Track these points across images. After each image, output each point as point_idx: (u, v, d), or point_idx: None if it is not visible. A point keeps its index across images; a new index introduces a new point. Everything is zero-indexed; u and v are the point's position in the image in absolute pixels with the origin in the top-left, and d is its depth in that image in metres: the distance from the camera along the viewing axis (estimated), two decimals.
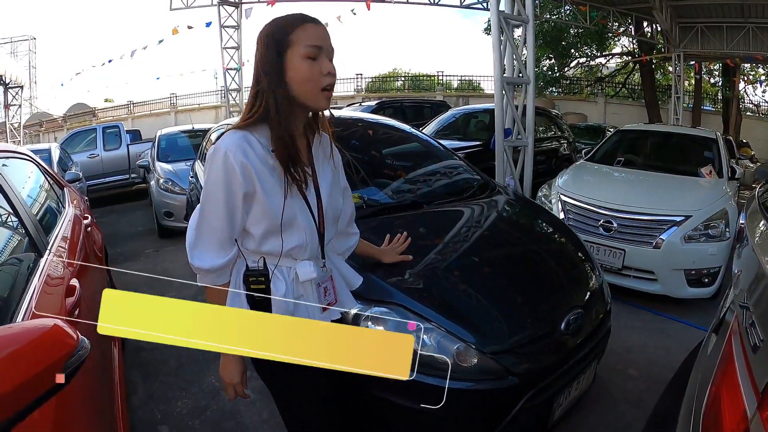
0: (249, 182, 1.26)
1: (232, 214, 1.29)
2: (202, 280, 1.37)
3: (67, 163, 8.16)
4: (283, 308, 1.33)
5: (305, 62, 1.25)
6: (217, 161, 1.25)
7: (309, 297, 1.40)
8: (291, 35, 1.25)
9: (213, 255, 1.32)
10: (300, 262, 1.37)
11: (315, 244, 1.39)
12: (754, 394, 0.99)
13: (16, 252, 1.86)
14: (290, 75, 1.26)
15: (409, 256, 1.97)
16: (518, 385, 1.84)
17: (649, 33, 17.19)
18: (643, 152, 5.79)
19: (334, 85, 1.30)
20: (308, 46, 1.24)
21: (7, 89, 17.64)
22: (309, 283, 1.39)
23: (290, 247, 1.34)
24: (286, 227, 1.31)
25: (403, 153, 3.54)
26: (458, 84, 25.77)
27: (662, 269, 3.93)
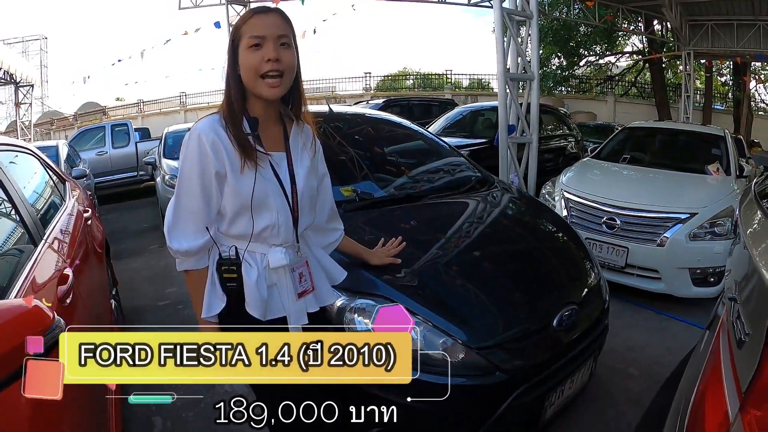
0: (220, 161, 1.31)
1: (207, 195, 1.33)
2: (181, 265, 1.41)
3: (75, 159, 8.21)
4: (257, 296, 1.36)
5: (248, 51, 1.32)
6: (191, 143, 1.32)
7: (283, 285, 1.42)
8: (241, 28, 1.34)
9: (190, 237, 1.36)
10: (272, 249, 1.40)
11: (288, 228, 1.41)
12: (737, 394, 0.94)
13: (11, 241, 1.90)
14: (240, 65, 1.34)
15: (398, 259, 1.98)
16: (506, 382, 1.82)
17: (659, 31, 17.02)
18: (649, 149, 5.71)
19: (281, 71, 1.33)
20: (251, 37, 1.32)
21: (18, 88, 17.88)
22: (282, 269, 1.41)
23: (261, 227, 1.36)
24: (257, 208, 1.34)
25: (401, 148, 3.52)
26: (468, 83, 25.70)
27: (666, 268, 3.87)
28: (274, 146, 1.42)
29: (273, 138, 1.42)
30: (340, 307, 1.89)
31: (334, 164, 2.79)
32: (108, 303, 2.99)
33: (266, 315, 1.39)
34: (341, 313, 1.87)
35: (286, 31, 1.35)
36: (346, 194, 2.57)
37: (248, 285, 1.37)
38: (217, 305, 1.39)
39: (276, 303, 1.41)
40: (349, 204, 2.49)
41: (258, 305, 1.37)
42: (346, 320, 1.87)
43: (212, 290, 1.39)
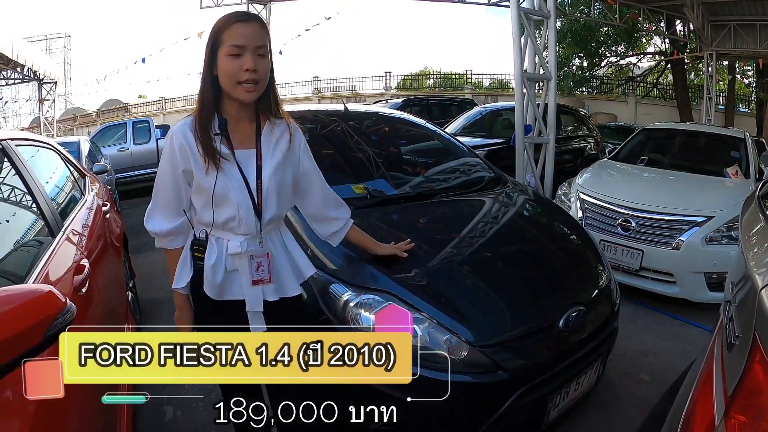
0: (186, 161, 1.47)
1: (176, 186, 1.51)
2: (158, 243, 1.60)
3: (96, 155, 8.36)
4: (210, 277, 1.51)
5: (228, 59, 1.41)
6: (167, 143, 1.50)
7: (244, 271, 1.53)
8: (221, 35, 1.42)
9: (163, 221, 1.55)
10: (235, 237, 1.52)
11: (250, 220, 1.52)
12: (723, 398, 0.93)
13: (30, 233, 1.97)
14: (218, 70, 1.44)
15: (405, 253, 2.04)
16: (508, 381, 1.82)
17: (681, 31, 16.74)
18: (667, 151, 5.63)
19: (257, 79, 1.43)
20: (231, 46, 1.40)
21: (42, 85, 18.28)
22: (241, 256, 1.52)
23: (222, 219, 1.50)
24: (218, 202, 1.48)
25: (416, 148, 3.53)
26: (488, 83, 25.55)
27: (681, 271, 3.82)
28: (244, 143, 1.53)
29: (244, 135, 1.53)
30: (346, 301, 1.92)
31: (349, 162, 2.84)
32: (124, 295, 3.06)
33: (222, 296, 1.53)
34: (346, 308, 1.90)
35: (264, 41, 1.44)
36: (358, 191, 2.59)
37: (206, 266, 1.52)
38: (185, 278, 1.56)
39: (235, 287, 1.54)
40: (360, 201, 2.51)
41: (210, 286, 1.52)
42: (352, 315, 1.89)
43: (183, 265, 1.57)
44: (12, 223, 1.91)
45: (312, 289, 2.04)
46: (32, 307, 1.07)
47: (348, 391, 1.37)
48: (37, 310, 1.08)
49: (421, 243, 2.25)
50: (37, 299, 1.09)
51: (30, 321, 1.06)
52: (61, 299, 1.12)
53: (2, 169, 1.98)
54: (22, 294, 1.09)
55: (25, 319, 1.05)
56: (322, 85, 25.06)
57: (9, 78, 19.06)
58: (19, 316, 1.04)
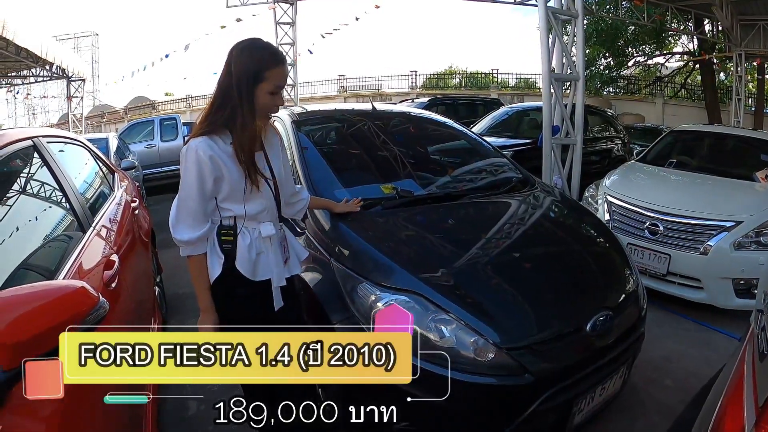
0: (217, 169, 1.62)
1: (203, 196, 1.64)
2: (183, 251, 1.70)
3: (124, 152, 8.50)
4: (246, 256, 1.69)
5: (267, 95, 1.65)
6: (190, 157, 1.61)
7: (270, 253, 1.75)
8: (266, 72, 1.62)
9: (190, 230, 1.66)
10: (263, 223, 1.74)
11: (274, 208, 1.78)
12: (754, 409, 0.91)
13: (61, 228, 2.01)
14: (256, 101, 1.64)
15: (357, 208, 2.29)
16: (534, 384, 1.81)
17: (709, 31, 16.39)
18: (696, 154, 5.51)
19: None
20: (275, 86, 1.65)
21: (70, 82, 18.69)
22: (270, 239, 1.75)
23: (255, 211, 1.71)
24: (249, 198, 1.68)
25: (443, 148, 3.53)
26: (515, 83, 25.31)
27: (709, 277, 3.74)
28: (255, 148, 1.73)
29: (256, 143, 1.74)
30: (374, 301, 1.92)
31: (376, 161, 2.86)
32: (152, 290, 3.11)
33: (256, 275, 1.71)
34: (374, 308, 1.90)
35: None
36: (386, 191, 2.60)
37: (241, 246, 1.69)
38: (217, 265, 1.69)
39: (264, 267, 1.73)
40: (389, 201, 2.52)
41: (246, 263, 1.69)
42: None
43: (212, 251, 1.70)
44: (44, 219, 1.95)
45: (340, 288, 2.05)
46: (65, 303, 1.09)
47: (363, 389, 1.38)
48: (70, 305, 1.10)
49: (448, 244, 2.25)
50: (70, 295, 1.11)
51: (63, 316, 1.08)
52: (93, 295, 1.14)
53: (34, 165, 2.03)
54: (56, 289, 1.11)
55: (59, 314, 1.08)
56: (347, 83, 25.10)
57: (38, 75, 19.56)
58: (53, 311, 1.07)
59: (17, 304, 1.03)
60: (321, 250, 2.25)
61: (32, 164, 2.02)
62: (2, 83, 21.66)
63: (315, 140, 3.02)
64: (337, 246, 2.21)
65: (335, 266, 2.13)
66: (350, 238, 2.22)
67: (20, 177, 1.94)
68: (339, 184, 2.65)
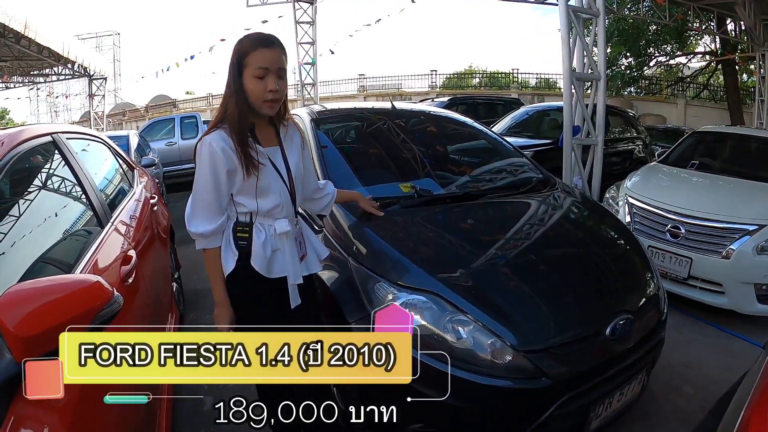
0: (230, 161, 1.62)
1: (217, 188, 1.65)
2: (199, 244, 1.73)
3: (144, 149, 8.59)
4: (261, 253, 1.69)
5: (254, 81, 1.61)
6: (203, 150, 1.63)
7: (286, 250, 1.74)
8: (247, 58, 1.61)
9: (205, 222, 1.68)
10: (278, 220, 1.73)
11: (289, 204, 1.76)
12: None
13: (80, 222, 2.03)
14: (245, 89, 1.63)
15: (381, 212, 2.26)
16: (552, 388, 1.78)
17: (732, 31, 16.07)
18: (719, 156, 5.40)
19: (279, 98, 1.65)
20: (257, 69, 1.60)
21: (92, 80, 19.01)
22: (285, 236, 1.73)
23: (269, 207, 1.70)
24: (262, 193, 1.68)
25: (463, 147, 3.51)
26: (535, 82, 25.16)
27: (730, 282, 3.66)
28: (270, 142, 1.76)
29: (269, 136, 1.76)
30: (391, 300, 1.90)
31: (395, 160, 2.86)
32: (169, 285, 3.13)
33: (271, 273, 1.71)
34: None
35: (283, 63, 1.65)
36: (405, 190, 2.59)
37: (256, 243, 1.69)
38: (231, 261, 1.70)
39: (280, 264, 1.73)
40: (407, 200, 2.51)
41: (261, 261, 1.69)
42: None
43: (227, 247, 1.72)
44: (62, 214, 1.96)
45: (357, 287, 2.05)
46: (80, 297, 1.10)
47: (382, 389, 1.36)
48: (85, 299, 1.11)
49: (467, 244, 2.23)
50: (85, 289, 1.11)
51: (77, 310, 1.08)
52: (108, 290, 1.15)
53: (54, 161, 2.05)
54: (71, 284, 1.12)
55: (73, 308, 1.08)
56: (367, 82, 25.16)
57: (60, 74, 19.93)
58: (67, 306, 1.07)
59: (31, 298, 1.03)
60: (339, 248, 2.25)
61: (52, 160, 2.04)
62: (25, 81, 22.10)
63: (334, 138, 3.01)
64: (354, 245, 2.20)
65: (353, 265, 2.12)
66: (368, 237, 2.21)
67: (40, 172, 1.96)
68: (358, 182, 2.64)
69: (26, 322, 1.00)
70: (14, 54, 16.16)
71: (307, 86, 16.21)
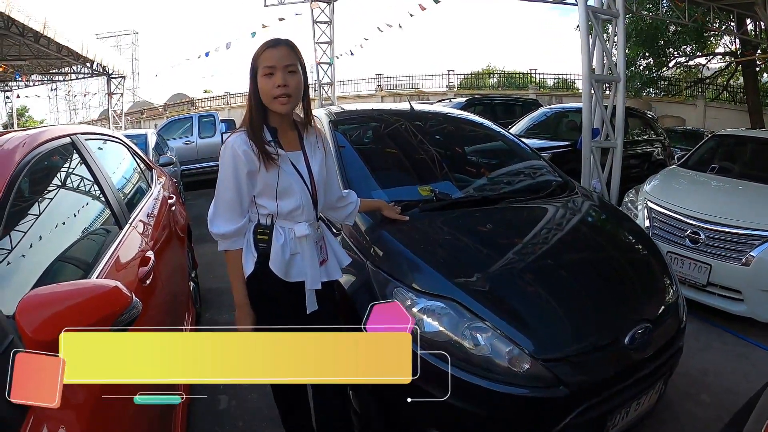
0: (251, 163, 1.67)
1: (239, 189, 1.69)
2: (221, 245, 1.76)
3: (162, 148, 8.65)
4: (279, 256, 1.71)
5: (264, 79, 1.67)
6: (226, 152, 1.69)
7: (306, 254, 1.76)
8: (257, 60, 1.69)
9: (227, 223, 1.72)
10: (298, 224, 1.75)
11: (310, 208, 1.78)
12: None
13: (98, 224, 2.04)
14: (259, 90, 1.69)
15: (406, 217, 2.28)
16: (569, 397, 1.75)
17: (752, 31, 15.80)
18: (740, 160, 5.29)
19: (288, 93, 1.67)
20: (265, 67, 1.67)
21: (110, 79, 19.25)
22: (305, 239, 1.76)
23: (289, 209, 1.73)
24: (282, 194, 1.71)
25: (481, 149, 3.49)
26: (553, 83, 24.92)
27: (750, 289, 3.59)
28: (292, 147, 1.79)
29: (291, 140, 1.79)
30: (408, 306, 1.89)
31: (414, 162, 2.85)
32: (186, 285, 3.15)
33: (289, 277, 1.73)
34: (408, 312, 1.87)
35: (292, 60, 1.68)
36: (424, 194, 2.58)
37: (275, 246, 1.72)
38: (251, 262, 1.73)
39: (298, 269, 1.75)
40: (427, 204, 2.50)
41: (279, 264, 1.71)
42: (415, 321, 1.84)
43: (248, 249, 1.75)
44: (81, 214, 1.97)
45: (374, 291, 2.04)
46: (98, 302, 1.09)
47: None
48: (103, 305, 1.09)
49: (486, 249, 2.22)
50: (104, 294, 1.10)
51: (96, 316, 1.07)
52: (126, 294, 1.13)
53: (72, 162, 2.06)
54: (89, 288, 1.11)
55: (92, 314, 1.07)
56: (385, 82, 25.07)
57: (79, 72, 20.22)
58: (86, 311, 1.06)
59: (50, 303, 1.03)
60: (356, 251, 2.24)
61: (71, 160, 2.05)
62: (44, 80, 22.42)
63: (352, 140, 3.00)
64: (373, 248, 2.19)
65: (370, 269, 2.11)
66: (387, 241, 2.20)
67: (59, 173, 1.97)
68: (376, 185, 2.64)
69: (44, 327, 0.99)
70: (33, 53, 16.42)
71: (324, 86, 16.23)
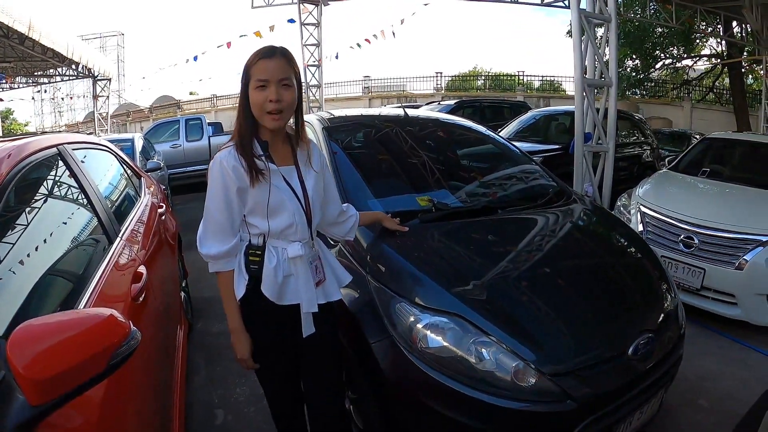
0: (241, 179, 1.58)
1: (229, 207, 1.60)
2: (212, 267, 1.68)
3: (149, 152, 8.55)
4: (272, 279, 1.63)
5: (256, 92, 1.58)
6: (215, 169, 1.61)
7: (300, 275, 1.68)
8: (250, 70, 1.59)
9: (217, 243, 1.63)
10: (291, 243, 1.67)
11: (304, 226, 1.69)
12: None
13: (87, 239, 1.96)
14: (250, 100, 1.60)
15: (406, 227, 2.24)
16: (576, 411, 1.73)
17: (738, 33, 15.98)
18: (731, 163, 5.35)
19: (281, 109, 1.59)
20: (257, 80, 1.58)
21: (96, 81, 19.04)
22: (299, 260, 1.67)
23: (281, 227, 1.64)
24: (273, 212, 1.62)
25: (476, 155, 3.47)
26: (540, 84, 25.03)
27: (744, 293, 3.62)
28: (285, 161, 1.70)
29: (284, 155, 1.71)
30: (413, 322, 1.86)
31: (410, 171, 2.82)
32: (178, 295, 3.09)
33: (282, 300, 1.65)
34: (413, 329, 1.85)
35: (287, 73, 1.60)
36: (423, 204, 2.55)
37: (267, 268, 1.63)
38: (242, 285, 1.65)
39: (292, 291, 1.67)
40: (426, 215, 2.47)
41: (272, 287, 1.62)
42: (419, 337, 1.83)
43: (239, 271, 1.66)
44: (70, 229, 1.88)
45: (376, 305, 2.00)
46: (94, 334, 1.01)
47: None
48: (100, 336, 1.02)
49: (489, 263, 2.19)
50: (99, 325, 1.02)
51: (92, 350, 1.00)
52: (123, 323, 1.05)
53: (59, 174, 1.98)
54: (84, 319, 1.03)
55: (87, 348, 0.99)
56: (372, 84, 25.00)
57: (64, 75, 19.97)
58: (81, 345, 0.98)
59: (42, 336, 0.95)
60: (354, 263, 2.20)
61: (58, 173, 1.97)
62: (29, 82, 22.13)
63: (347, 148, 2.96)
64: (374, 261, 2.15)
65: (371, 283, 2.07)
66: (389, 256, 2.15)
67: (46, 186, 1.89)
68: (372, 195, 2.60)
69: (37, 363, 0.92)
70: (18, 55, 16.22)
71: (312, 88, 16.17)
